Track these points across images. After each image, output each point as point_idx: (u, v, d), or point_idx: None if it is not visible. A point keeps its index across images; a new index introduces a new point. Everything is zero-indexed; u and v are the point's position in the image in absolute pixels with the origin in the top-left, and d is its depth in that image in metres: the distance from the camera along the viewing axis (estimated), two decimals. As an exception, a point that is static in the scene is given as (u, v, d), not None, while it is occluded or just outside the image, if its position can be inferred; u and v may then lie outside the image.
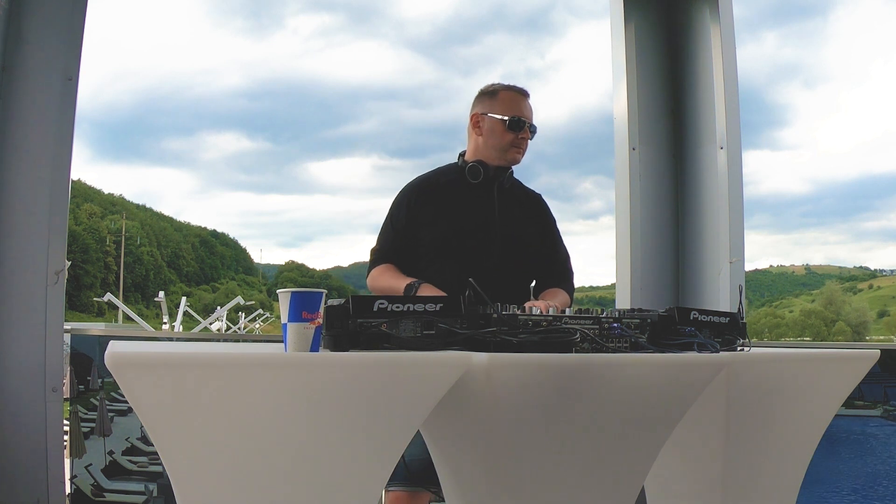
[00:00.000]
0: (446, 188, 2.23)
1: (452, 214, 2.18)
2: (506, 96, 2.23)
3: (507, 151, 2.21)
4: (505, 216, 2.21)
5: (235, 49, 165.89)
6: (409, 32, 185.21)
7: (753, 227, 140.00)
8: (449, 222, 2.17)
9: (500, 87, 2.26)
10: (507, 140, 2.19)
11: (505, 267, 2.14)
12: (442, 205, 2.19)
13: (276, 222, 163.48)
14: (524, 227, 2.26)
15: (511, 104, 2.22)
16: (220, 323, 32.40)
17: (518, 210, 2.27)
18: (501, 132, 2.19)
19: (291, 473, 1.24)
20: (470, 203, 2.20)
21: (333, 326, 1.36)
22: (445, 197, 2.21)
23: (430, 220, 2.18)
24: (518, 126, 2.19)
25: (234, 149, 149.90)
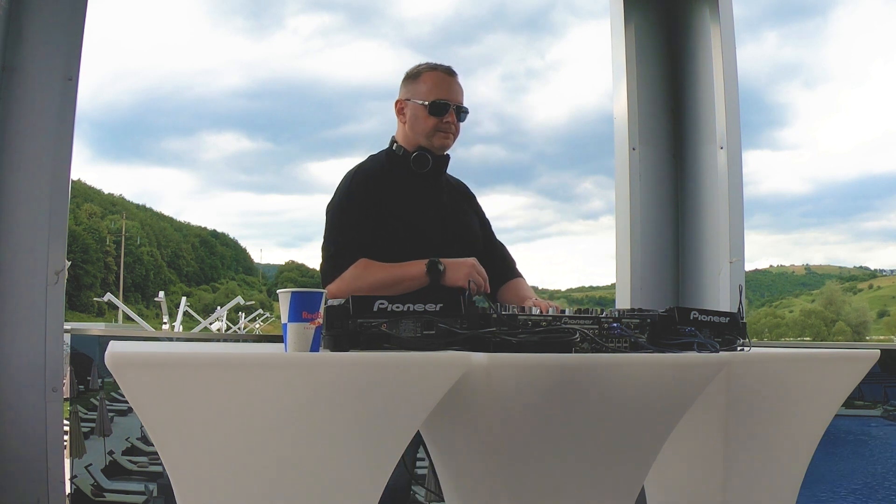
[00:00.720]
0: (393, 178, 2.09)
1: (407, 209, 2.06)
2: (428, 77, 2.09)
3: (431, 137, 2.08)
4: (452, 209, 2.14)
5: (235, 49, 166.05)
6: (409, 32, 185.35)
7: (753, 227, 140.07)
8: (405, 218, 2.05)
9: (423, 67, 2.13)
10: (430, 125, 2.06)
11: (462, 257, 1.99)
12: (395, 199, 2.06)
13: (276, 222, 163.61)
14: (471, 220, 2.20)
15: (434, 86, 2.08)
16: (220, 323, 32.42)
17: (461, 202, 2.20)
18: (424, 117, 2.07)
19: (291, 473, 1.24)
20: (422, 196, 2.10)
21: (333, 326, 1.36)
22: (396, 189, 2.07)
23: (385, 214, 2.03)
24: (441, 110, 2.06)
25: (234, 149, 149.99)
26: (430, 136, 2.08)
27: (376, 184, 2.06)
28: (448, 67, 2.12)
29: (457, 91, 2.11)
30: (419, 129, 2.09)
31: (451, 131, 2.09)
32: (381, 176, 2.09)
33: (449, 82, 2.10)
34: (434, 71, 2.11)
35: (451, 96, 2.09)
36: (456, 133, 2.12)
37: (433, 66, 2.12)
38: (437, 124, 2.07)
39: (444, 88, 2.08)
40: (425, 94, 2.08)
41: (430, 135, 2.08)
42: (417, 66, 2.14)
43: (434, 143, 2.09)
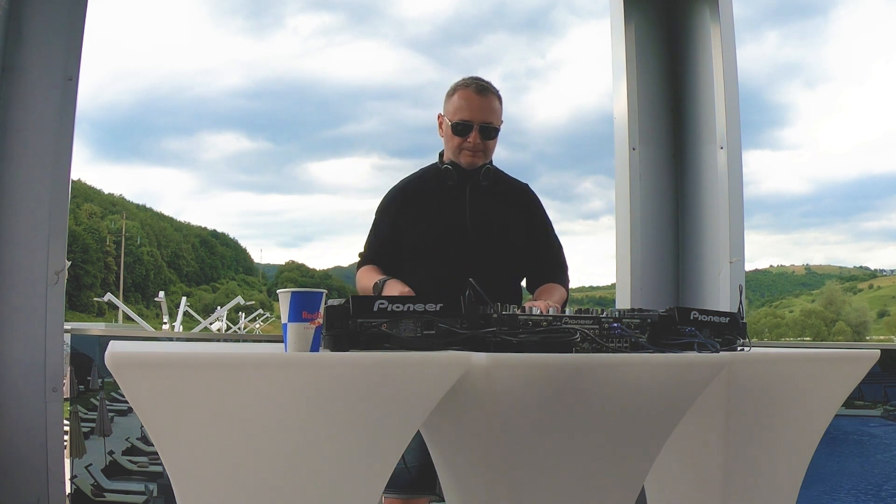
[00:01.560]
0: (425, 191, 2.20)
1: (428, 218, 2.16)
2: (458, 96, 2.15)
3: (458, 155, 2.16)
4: (477, 215, 2.16)
5: (235, 49, 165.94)
6: (410, 32, 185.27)
7: (753, 227, 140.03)
8: (424, 226, 2.16)
9: (458, 85, 2.17)
10: (455, 144, 2.15)
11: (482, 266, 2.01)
12: (420, 208, 2.18)
13: (276, 222, 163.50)
14: (503, 223, 2.20)
15: (461, 106, 2.13)
16: (220, 323, 32.42)
17: (496, 206, 2.20)
18: (450, 136, 2.15)
19: (291, 473, 1.24)
20: (443, 205, 2.17)
21: (333, 326, 1.36)
22: (424, 200, 2.19)
23: (409, 223, 2.17)
24: (463, 131, 2.12)
25: (234, 149, 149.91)
26: (456, 154, 2.17)
27: (402, 195, 2.22)
28: (481, 84, 2.15)
29: (484, 109, 2.13)
30: (448, 145, 2.18)
31: (477, 149, 2.14)
32: (411, 187, 2.23)
33: (476, 101, 2.12)
34: (465, 89, 2.15)
35: (476, 115, 2.12)
36: (485, 150, 2.16)
37: (466, 84, 2.16)
38: (461, 143, 2.14)
39: (470, 108, 2.12)
40: (453, 112, 2.15)
41: (456, 153, 2.17)
42: (456, 83, 2.19)
43: (461, 160, 2.17)
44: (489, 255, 2.13)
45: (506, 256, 2.18)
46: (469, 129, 2.12)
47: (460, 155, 2.16)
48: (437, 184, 2.19)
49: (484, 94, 2.14)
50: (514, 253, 2.20)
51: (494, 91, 2.17)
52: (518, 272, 2.24)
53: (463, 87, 2.15)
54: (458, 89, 2.16)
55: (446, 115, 2.17)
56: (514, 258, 2.20)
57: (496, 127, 2.16)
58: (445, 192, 2.18)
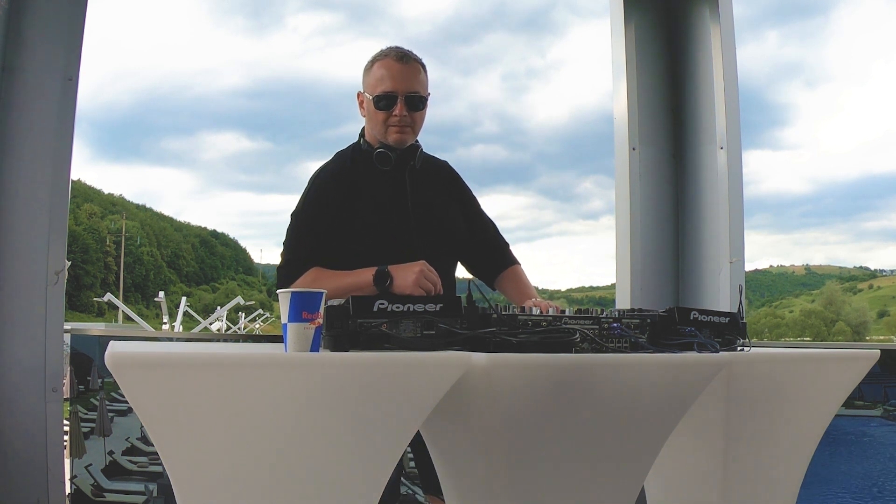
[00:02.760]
0: (359, 178, 1.97)
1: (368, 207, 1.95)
2: (378, 67, 1.93)
3: (385, 133, 1.93)
4: (419, 202, 1.99)
5: (235, 48, 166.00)
6: (409, 31, 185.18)
7: (754, 227, 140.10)
8: (368, 216, 1.94)
9: (377, 56, 1.96)
10: (380, 120, 1.92)
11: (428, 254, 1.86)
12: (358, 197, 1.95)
13: (276, 222, 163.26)
14: (443, 209, 2.05)
15: (381, 76, 1.91)
16: (220, 323, 32.41)
17: (432, 191, 2.04)
18: (374, 112, 1.93)
19: (291, 473, 1.24)
20: (383, 192, 1.97)
21: (333, 326, 1.36)
22: (360, 188, 1.96)
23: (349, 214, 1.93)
24: (387, 103, 1.90)
25: (234, 149, 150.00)
26: (383, 131, 1.94)
27: (337, 184, 1.96)
28: (401, 52, 1.94)
29: (408, 78, 1.92)
30: (372, 124, 1.97)
31: (405, 124, 1.93)
32: (343, 175, 1.98)
33: (398, 70, 1.91)
34: (385, 59, 1.94)
35: (399, 86, 1.90)
36: (413, 124, 1.95)
37: (384, 54, 1.96)
38: (386, 119, 1.92)
39: (392, 78, 1.91)
40: (374, 85, 1.93)
41: (382, 130, 1.94)
42: (374, 54, 1.98)
43: (389, 139, 1.94)
44: (435, 242, 1.98)
45: (450, 242, 2.04)
46: (393, 100, 1.90)
47: (387, 133, 1.93)
48: (368, 167, 1.97)
49: (406, 62, 1.93)
50: (456, 238, 2.06)
51: (417, 59, 1.97)
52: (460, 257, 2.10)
53: (382, 58, 1.95)
54: (377, 60, 1.95)
55: (366, 90, 1.95)
56: (455, 245, 2.07)
57: (423, 97, 1.95)
58: (380, 176, 1.97)
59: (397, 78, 1.91)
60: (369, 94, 1.95)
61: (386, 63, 1.93)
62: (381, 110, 1.92)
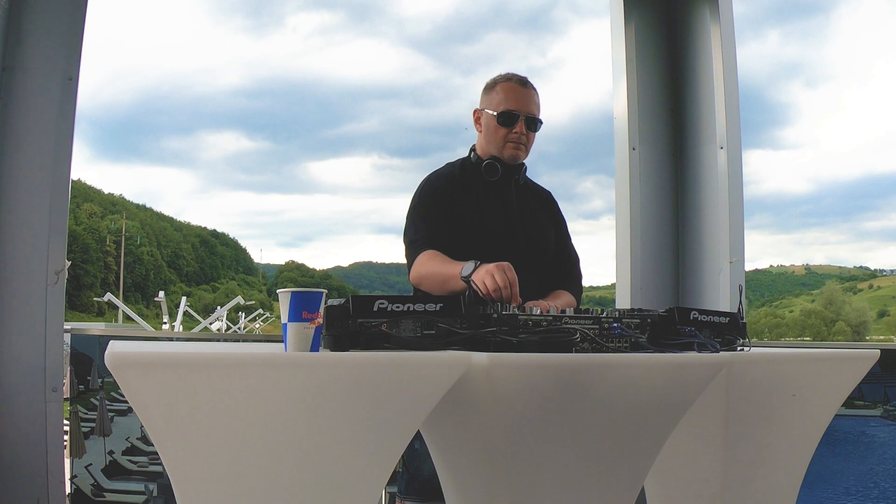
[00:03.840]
0: (468, 185, 2.13)
1: (477, 214, 2.10)
2: (502, 88, 2.11)
3: (502, 148, 2.11)
4: (525, 216, 2.15)
5: (235, 48, 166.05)
6: (410, 31, 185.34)
7: (754, 227, 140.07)
8: (474, 222, 2.08)
9: (499, 78, 2.15)
10: (500, 136, 2.09)
11: (529, 267, 2.00)
12: (466, 203, 2.10)
13: (276, 222, 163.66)
14: (543, 227, 2.19)
15: (506, 97, 2.10)
16: (220, 323, 32.39)
17: (537, 210, 2.20)
18: (495, 128, 2.10)
19: (291, 473, 1.24)
20: (491, 202, 2.12)
21: (333, 326, 1.36)
22: (469, 193, 2.12)
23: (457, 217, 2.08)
24: (509, 121, 2.07)
25: (234, 148, 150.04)
26: (500, 146, 2.11)
27: (447, 186, 2.11)
28: (522, 78, 2.13)
29: (529, 101, 2.10)
30: (490, 139, 2.12)
31: (521, 142, 2.10)
32: (452, 181, 2.13)
33: (521, 93, 2.10)
34: (508, 82, 2.12)
35: (522, 107, 2.09)
36: (527, 143, 2.13)
37: (508, 77, 2.13)
38: (506, 135, 2.09)
39: (515, 99, 2.09)
40: (497, 104, 2.10)
41: (500, 145, 2.11)
42: (495, 77, 2.16)
43: (504, 154, 2.11)
44: (536, 257, 2.11)
45: (545, 259, 2.16)
46: (516, 119, 2.08)
47: (504, 148, 2.10)
48: (476, 177, 2.13)
49: (527, 87, 2.12)
50: (549, 257, 2.18)
51: (534, 87, 2.15)
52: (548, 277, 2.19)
53: (505, 80, 2.13)
54: (500, 82, 2.13)
55: (487, 107, 2.12)
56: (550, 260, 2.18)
57: (540, 119, 2.13)
58: (488, 186, 2.13)
59: (521, 100, 2.10)
60: (491, 111, 2.11)
61: (509, 86, 2.11)
62: (503, 126, 2.09)
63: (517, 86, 2.11)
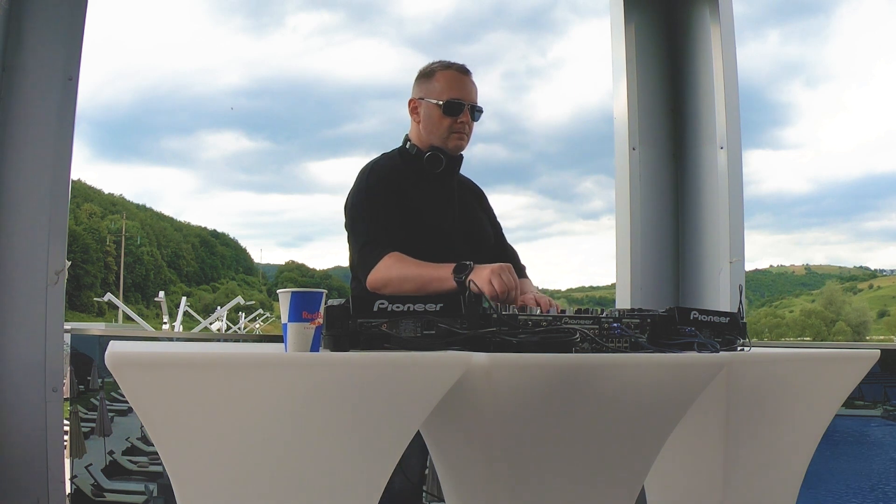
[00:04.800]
0: (410, 178, 2.06)
1: (424, 208, 2.04)
2: (442, 76, 2.06)
3: (447, 139, 2.05)
4: (464, 210, 2.11)
5: (235, 47, 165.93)
6: (410, 30, 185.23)
7: (754, 227, 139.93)
8: (422, 217, 2.03)
9: (437, 66, 2.09)
10: (445, 126, 2.03)
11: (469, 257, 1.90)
12: (412, 196, 2.04)
13: (276, 222, 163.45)
14: (481, 221, 2.17)
15: (448, 86, 2.04)
16: (220, 323, 32.42)
17: (472, 202, 2.17)
18: (439, 118, 2.04)
19: (291, 473, 1.24)
20: (436, 196, 2.07)
21: (334, 326, 1.36)
22: (413, 188, 2.05)
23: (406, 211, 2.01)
24: (455, 110, 2.02)
25: (234, 148, 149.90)
26: (444, 136, 2.06)
27: (394, 178, 2.04)
28: (462, 66, 2.09)
29: (471, 90, 2.07)
30: (433, 129, 2.06)
31: (466, 132, 2.06)
32: (397, 173, 2.06)
33: (463, 81, 2.06)
34: (448, 70, 2.07)
35: (466, 95, 2.05)
36: (470, 133, 2.08)
37: (447, 65, 2.08)
38: (451, 124, 2.04)
39: (459, 87, 2.05)
40: (439, 93, 2.05)
41: (444, 135, 2.05)
42: (431, 65, 2.11)
43: (449, 144, 2.06)
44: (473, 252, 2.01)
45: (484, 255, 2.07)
46: (461, 108, 2.03)
47: (448, 138, 2.05)
48: (417, 170, 2.07)
49: (468, 75, 2.08)
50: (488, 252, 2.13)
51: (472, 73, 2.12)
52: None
53: (444, 69, 2.07)
54: (439, 70, 2.07)
55: (428, 96, 2.06)
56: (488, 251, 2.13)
57: (481, 108, 2.08)
58: (431, 178, 2.08)
59: (464, 89, 2.06)
60: (435, 100, 2.04)
61: (451, 74, 2.07)
62: (449, 116, 2.03)
63: (459, 74, 2.07)
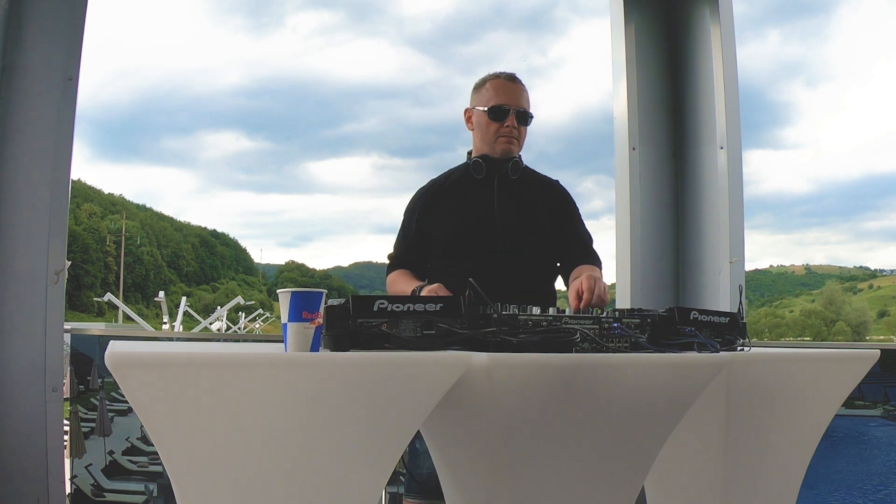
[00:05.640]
0: (452, 188, 2.20)
1: (456, 214, 2.16)
2: (490, 86, 2.16)
3: (494, 143, 2.14)
4: (505, 207, 2.15)
5: (235, 47, 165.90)
6: (410, 30, 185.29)
7: (754, 227, 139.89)
8: (453, 222, 2.15)
9: (488, 77, 2.20)
10: (492, 131, 2.13)
11: (513, 259, 2.09)
12: (448, 206, 2.17)
13: (276, 222, 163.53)
14: (531, 216, 2.18)
15: (495, 92, 2.15)
16: (220, 323, 32.40)
17: (524, 199, 2.19)
18: (486, 123, 2.14)
19: (291, 473, 1.24)
20: (471, 200, 2.16)
21: (333, 326, 1.36)
22: (451, 197, 2.18)
23: (437, 222, 2.16)
24: (500, 115, 2.12)
25: (234, 148, 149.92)
26: (492, 141, 2.14)
27: (427, 198, 2.21)
28: (510, 74, 2.18)
29: (518, 95, 2.15)
30: (483, 135, 2.16)
31: (513, 136, 2.13)
32: (435, 190, 2.22)
33: (509, 87, 2.15)
34: (497, 79, 2.17)
35: (512, 101, 2.13)
36: (519, 137, 2.16)
37: (496, 75, 2.18)
38: (498, 129, 2.13)
39: (505, 93, 2.14)
40: (487, 100, 2.15)
41: (492, 140, 2.14)
42: (484, 77, 2.21)
43: (497, 148, 2.15)
44: (519, 247, 2.12)
45: (534, 248, 2.15)
46: (506, 113, 2.12)
47: (496, 143, 2.14)
48: (464, 178, 2.19)
49: (516, 83, 2.17)
50: (542, 245, 2.17)
51: (523, 83, 2.20)
52: (550, 267, 2.20)
53: (493, 78, 2.18)
54: (489, 80, 2.18)
55: (478, 105, 2.17)
56: (542, 251, 2.17)
57: (530, 113, 2.17)
58: (473, 185, 2.17)
59: (510, 95, 2.14)
60: (483, 107, 2.15)
61: (498, 83, 2.16)
62: (494, 121, 2.13)
63: (506, 82, 2.16)
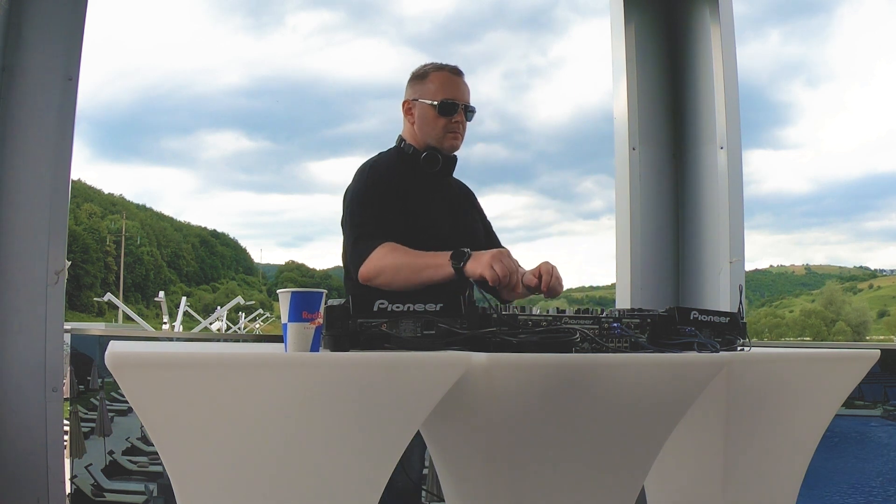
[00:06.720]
0: (408, 176, 2.08)
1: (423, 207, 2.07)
2: (436, 77, 2.09)
3: (442, 139, 2.08)
4: (457, 210, 2.15)
5: (235, 47, 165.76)
6: (410, 30, 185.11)
7: (754, 227, 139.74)
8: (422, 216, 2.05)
9: (430, 67, 2.12)
10: (440, 126, 2.06)
11: None
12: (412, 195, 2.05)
13: (276, 222, 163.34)
14: (474, 220, 2.20)
15: (441, 86, 2.08)
16: (220, 323, 32.41)
17: (464, 203, 2.21)
18: (433, 118, 2.07)
19: (291, 473, 1.24)
20: (433, 195, 2.10)
21: (333, 326, 1.36)
22: (412, 186, 2.07)
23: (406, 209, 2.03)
24: (450, 110, 2.05)
25: (234, 148, 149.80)
26: (439, 137, 2.08)
27: (392, 176, 2.06)
28: (455, 67, 2.12)
29: (464, 90, 2.11)
30: (428, 129, 2.09)
31: (460, 131, 2.09)
32: (395, 171, 2.09)
33: (456, 82, 2.10)
34: (441, 71, 2.10)
35: (460, 96, 2.08)
36: (464, 133, 2.11)
37: (440, 66, 2.12)
38: (446, 124, 2.07)
39: (452, 88, 2.08)
40: (433, 93, 2.08)
41: (439, 135, 2.08)
42: (424, 66, 2.14)
43: (444, 144, 2.09)
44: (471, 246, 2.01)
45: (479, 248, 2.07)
46: (455, 108, 2.06)
47: (444, 138, 2.07)
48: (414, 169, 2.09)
49: (461, 76, 2.12)
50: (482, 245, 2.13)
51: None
52: None
53: (437, 70, 2.11)
54: (432, 71, 2.10)
55: (422, 97, 2.08)
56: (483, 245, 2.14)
57: (474, 109, 2.12)
58: (427, 178, 2.10)
59: (457, 89, 2.09)
60: (429, 101, 2.07)
61: (444, 75, 2.10)
62: (444, 116, 2.06)
63: (452, 76, 2.10)
